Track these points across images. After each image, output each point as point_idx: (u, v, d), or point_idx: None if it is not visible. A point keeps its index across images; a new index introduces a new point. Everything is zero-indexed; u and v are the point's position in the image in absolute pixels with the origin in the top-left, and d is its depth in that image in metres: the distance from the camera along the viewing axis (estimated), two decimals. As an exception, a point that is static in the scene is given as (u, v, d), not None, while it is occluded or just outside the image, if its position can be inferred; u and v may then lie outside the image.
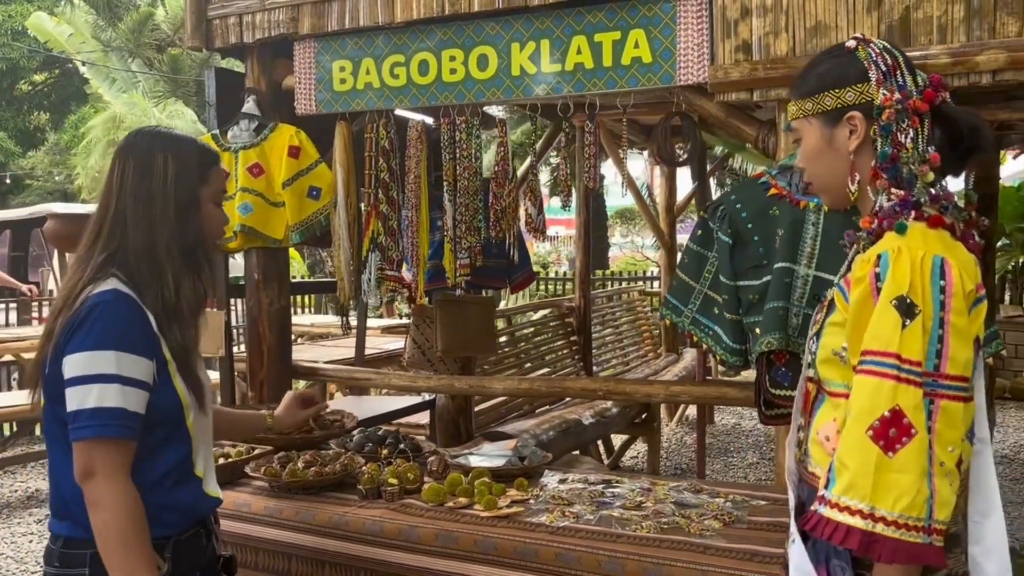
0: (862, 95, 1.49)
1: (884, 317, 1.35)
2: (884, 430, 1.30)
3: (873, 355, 1.35)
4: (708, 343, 2.79)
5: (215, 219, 1.90)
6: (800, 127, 1.59)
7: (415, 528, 2.28)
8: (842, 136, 1.51)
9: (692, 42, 2.69)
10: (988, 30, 2.32)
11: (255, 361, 3.44)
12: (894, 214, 1.43)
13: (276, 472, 2.56)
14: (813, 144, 1.57)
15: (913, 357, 1.32)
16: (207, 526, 1.94)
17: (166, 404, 1.77)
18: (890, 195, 1.46)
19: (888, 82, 1.48)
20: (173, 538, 1.79)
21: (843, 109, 1.50)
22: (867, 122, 1.48)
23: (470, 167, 3.06)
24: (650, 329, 8.42)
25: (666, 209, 8.25)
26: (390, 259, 3.19)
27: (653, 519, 2.29)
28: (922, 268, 1.34)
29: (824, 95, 1.52)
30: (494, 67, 2.97)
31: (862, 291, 1.40)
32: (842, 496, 1.33)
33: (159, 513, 1.75)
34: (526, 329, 6.41)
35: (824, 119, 1.53)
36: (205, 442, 1.92)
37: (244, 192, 3.27)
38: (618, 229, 21.82)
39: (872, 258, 1.39)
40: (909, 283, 1.33)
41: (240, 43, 3.35)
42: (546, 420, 5.19)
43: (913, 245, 1.37)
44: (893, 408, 1.30)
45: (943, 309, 1.33)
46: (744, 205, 2.65)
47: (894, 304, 1.34)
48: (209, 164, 1.89)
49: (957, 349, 1.33)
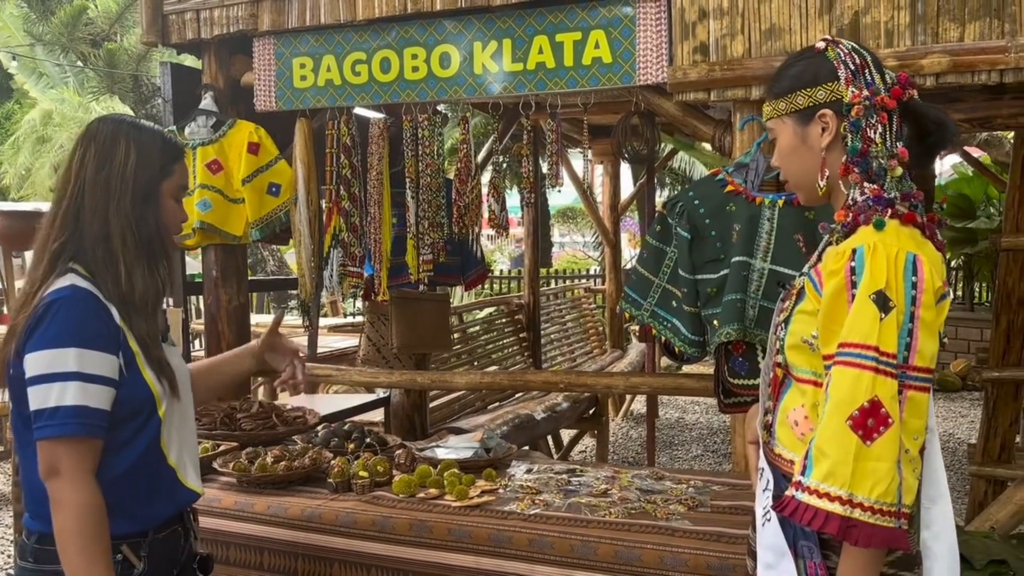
0: (832, 93, 1.54)
1: (863, 311, 1.39)
2: (863, 420, 1.35)
3: (852, 347, 1.39)
4: (667, 335, 2.87)
5: (173, 214, 1.86)
6: (775, 127, 1.64)
7: (389, 519, 2.31)
8: (814, 133, 1.56)
9: (651, 43, 2.78)
10: (932, 35, 2.45)
11: (214, 358, 3.42)
12: (868, 209, 1.48)
13: (245, 467, 2.57)
14: (787, 142, 1.62)
15: (890, 350, 1.37)
16: (185, 524, 1.91)
17: (136, 397, 1.75)
18: (863, 189, 1.51)
19: (857, 80, 1.53)
20: (149, 536, 1.77)
21: (815, 107, 1.55)
22: (838, 119, 1.53)
23: (432, 164, 3.10)
24: (595, 326, 8.54)
25: (610, 207, 8.37)
26: (352, 255, 3.21)
27: (620, 505, 2.36)
28: (896, 264, 1.39)
29: (796, 94, 1.57)
30: (456, 65, 3.01)
31: (836, 284, 1.44)
32: (821, 483, 1.37)
33: (132, 507, 1.74)
34: (477, 326, 6.45)
35: (797, 118, 1.58)
36: (182, 431, 1.89)
37: (203, 189, 3.26)
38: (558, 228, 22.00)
39: (847, 252, 1.44)
40: (885, 279, 1.38)
41: (198, 39, 3.33)
42: (499, 415, 5.24)
43: (888, 241, 1.42)
44: (872, 399, 1.35)
45: (914, 304, 1.38)
46: (702, 201, 2.74)
47: (872, 298, 1.38)
48: (173, 158, 1.84)
49: (925, 342, 1.39)
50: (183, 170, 1.89)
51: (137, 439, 1.76)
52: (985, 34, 2.40)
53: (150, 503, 1.78)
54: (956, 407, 8.61)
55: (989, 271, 10.12)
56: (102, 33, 9.62)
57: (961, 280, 10.57)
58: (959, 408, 8.58)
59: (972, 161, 6.96)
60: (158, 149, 1.81)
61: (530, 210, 6.43)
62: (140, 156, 1.77)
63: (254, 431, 2.98)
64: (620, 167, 8.85)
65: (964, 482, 5.20)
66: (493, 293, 12.57)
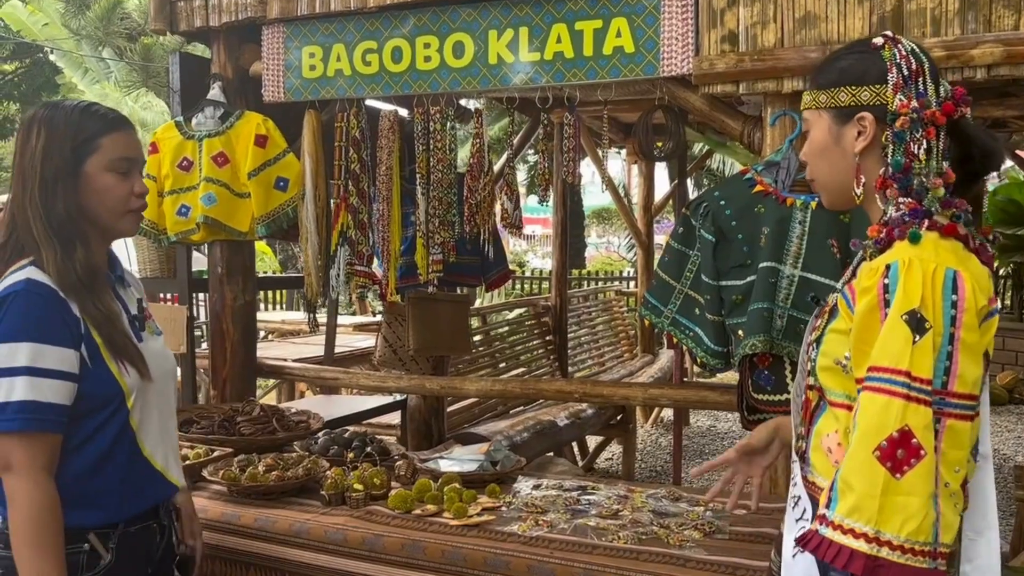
0: (877, 96, 1.44)
1: (894, 332, 1.28)
2: (892, 451, 1.25)
3: (882, 372, 1.29)
4: (688, 345, 2.69)
5: (111, 190, 1.78)
6: (810, 119, 1.54)
7: (380, 537, 2.15)
8: (850, 136, 1.46)
9: (676, 32, 2.59)
10: (983, 23, 2.24)
11: (218, 358, 3.30)
12: (904, 223, 1.37)
13: (235, 476, 2.43)
14: (819, 139, 1.52)
15: (923, 375, 1.26)
16: (161, 520, 1.88)
17: (101, 391, 1.73)
18: (899, 205, 1.40)
19: (907, 88, 1.42)
20: (120, 528, 1.76)
21: (856, 108, 1.45)
22: (877, 125, 1.43)
23: (444, 159, 2.94)
24: (626, 329, 8.34)
25: (644, 208, 8.16)
26: (360, 254, 3.06)
27: (630, 528, 2.18)
28: (933, 281, 1.28)
29: (840, 90, 1.47)
30: (470, 55, 2.85)
31: (869, 302, 1.33)
32: (846, 518, 1.27)
33: (101, 499, 1.74)
34: (501, 328, 6.29)
35: (835, 115, 1.48)
36: (158, 419, 1.86)
37: (208, 182, 3.13)
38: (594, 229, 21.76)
39: (880, 268, 1.33)
40: (920, 297, 1.28)
41: (206, 27, 3.21)
42: (520, 421, 5.08)
43: (925, 257, 1.31)
44: (902, 428, 1.25)
45: (954, 325, 1.27)
46: (728, 202, 2.56)
47: (905, 319, 1.28)
48: (100, 131, 1.78)
49: (966, 366, 1.27)
50: (118, 140, 1.80)
51: (104, 432, 1.75)
52: (1043, 22, 2.18)
53: (122, 496, 1.77)
54: (1002, 421, 8.26)
55: (1041, 280, 9.73)
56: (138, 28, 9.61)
57: (1010, 289, 10.17)
58: (1005, 423, 8.24)
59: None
60: (73, 127, 1.76)
61: (558, 210, 6.25)
62: (49, 139, 1.74)
63: (252, 436, 2.85)
64: (655, 167, 8.64)
65: (1009, 502, 4.92)
66: (524, 294, 12.41)
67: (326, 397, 5.20)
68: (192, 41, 3.59)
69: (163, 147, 3.23)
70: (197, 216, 3.12)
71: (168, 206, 3.21)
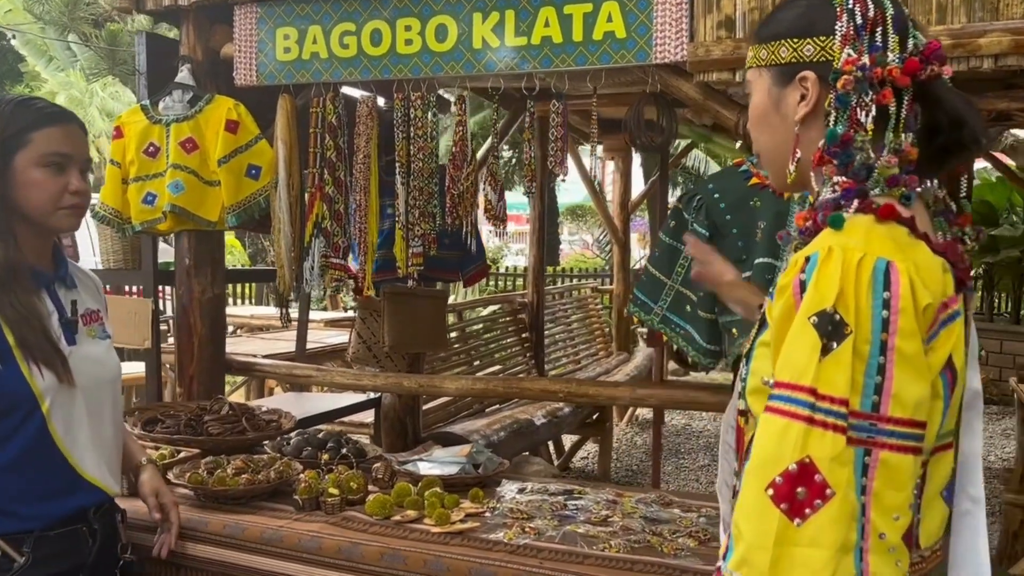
0: (823, 51, 1.17)
1: (800, 339, 1.04)
2: (789, 488, 0.99)
3: (782, 388, 1.04)
4: (679, 343, 2.59)
5: (40, 185, 1.73)
6: (752, 80, 1.29)
7: (357, 545, 2.03)
8: (791, 100, 1.21)
9: (670, 17, 2.48)
10: (991, 11, 2.15)
11: (185, 354, 3.15)
12: (834, 207, 1.13)
13: (202, 479, 2.29)
14: (758, 103, 1.27)
15: (834, 392, 1.01)
16: (91, 524, 1.82)
17: (12, 394, 1.68)
18: (834, 186, 1.15)
19: (859, 40, 1.15)
20: (35, 533, 1.72)
21: (797, 65, 1.19)
22: (821, 87, 1.17)
23: (425, 147, 2.82)
24: (601, 327, 8.25)
25: (620, 205, 8.07)
26: (335, 246, 2.93)
27: (622, 536, 2.08)
28: (858, 274, 1.03)
29: (780, 44, 1.21)
30: (453, 38, 2.72)
31: (785, 303, 1.08)
32: (735, 572, 1.03)
33: (12, 505, 1.70)
34: (477, 325, 6.17)
35: (776, 74, 1.22)
36: (88, 426, 1.79)
37: (176, 169, 2.97)
38: (566, 226, 21.67)
39: (799, 262, 1.08)
40: (837, 293, 1.02)
41: (175, 6, 3.04)
42: (497, 420, 4.97)
43: (850, 244, 1.06)
44: (802, 460, 1.00)
45: (885, 330, 1.01)
46: (723, 195, 2.46)
47: (813, 322, 1.03)
48: (31, 125, 1.72)
49: (904, 383, 1.01)
50: (52, 136, 1.74)
51: (15, 436, 1.70)
52: (1056, 9, 2.10)
53: (38, 502, 1.73)
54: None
55: (1012, 281, 9.78)
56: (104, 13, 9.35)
57: (981, 290, 10.22)
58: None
59: (999, 165, 6.61)
60: (3, 121, 1.70)
61: (536, 204, 6.14)
62: None
63: (220, 436, 2.71)
64: (632, 164, 8.56)
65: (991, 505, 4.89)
66: (498, 290, 12.29)
67: (297, 395, 5.05)
68: (159, 21, 3.41)
69: (128, 132, 3.07)
70: (164, 205, 2.96)
71: (133, 194, 3.05)
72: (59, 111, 1.82)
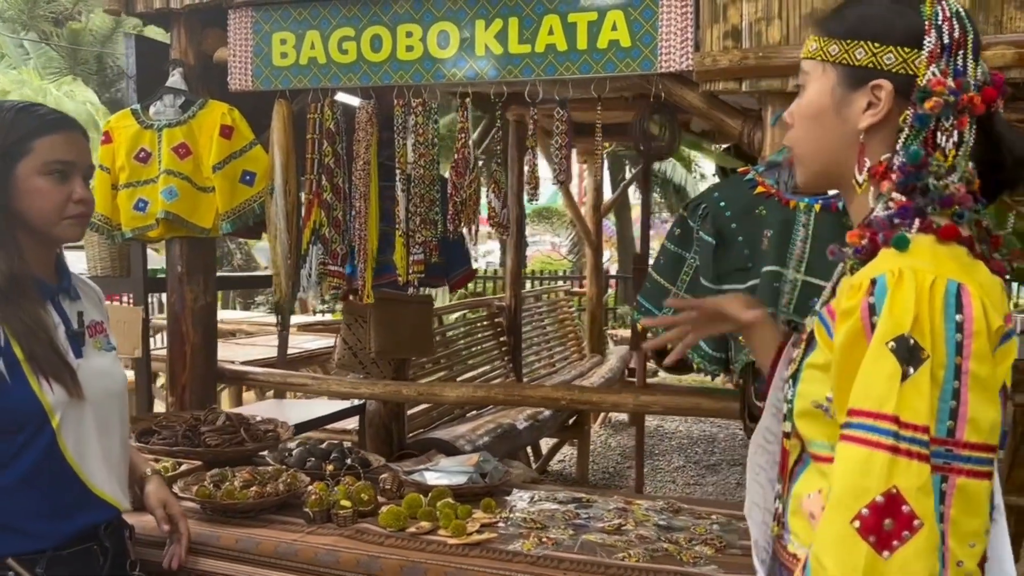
0: (904, 64, 1.13)
1: (878, 365, 1.01)
2: (876, 521, 0.97)
3: (862, 416, 1.02)
4: (684, 350, 2.60)
5: (43, 194, 1.69)
6: (809, 71, 1.23)
7: (376, 559, 2.00)
8: (858, 105, 1.16)
9: (675, 27, 2.50)
10: (995, 24, 2.20)
11: (177, 363, 3.09)
12: (890, 225, 1.10)
13: (209, 493, 2.25)
14: (816, 100, 1.21)
15: (917, 420, 0.99)
16: (103, 542, 1.78)
17: (18, 409, 1.64)
18: (890, 203, 1.12)
19: (944, 60, 1.12)
20: (48, 552, 1.67)
21: (873, 72, 1.15)
22: (896, 100, 1.14)
23: (427, 154, 2.80)
24: (575, 330, 8.28)
25: (593, 209, 8.12)
26: (334, 253, 2.90)
27: (639, 545, 2.08)
28: (932, 297, 1.01)
29: (857, 44, 1.16)
30: (456, 45, 2.71)
31: (852, 327, 1.06)
32: None
33: (23, 524, 1.66)
34: (456, 329, 6.15)
35: (845, 74, 1.17)
36: (98, 440, 1.76)
37: (169, 175, 2.92)
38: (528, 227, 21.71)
39: (864, 284, 1.06)
40: (913, 318, 1.00)
41: (166, 8, 2.99)
42: (481, 425, 4.96)
43: (919, 266, 1.04)
44: (888, 491, 0.98)
45: (960, 353, 0.99)
46: (728, 203, 2.47)
47: (891, 347, 1.00)
48: (33, 132, 1.68)
49: (979, 407, 1.00)
50: (56, 143, 1.70)
51: (26, 452, 1.65)
52: (1056, 25, 2.15)
53: (50, 520, 1.69)
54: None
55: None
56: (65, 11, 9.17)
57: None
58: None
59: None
60: (5, 129, 1.66)
61: (514, 208, 6.14)
62: None
63: (219, 447, 2.66)
64: (603, 168, 8.61)
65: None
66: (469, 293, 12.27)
67: (276, 402, 4.98)
68: (148, 24, 3.35)
69: (118, 137, 3.01)
70: (157, 211, 2.91)
71: (123, 200, 2.99)
72: (61, 118, 1.77)
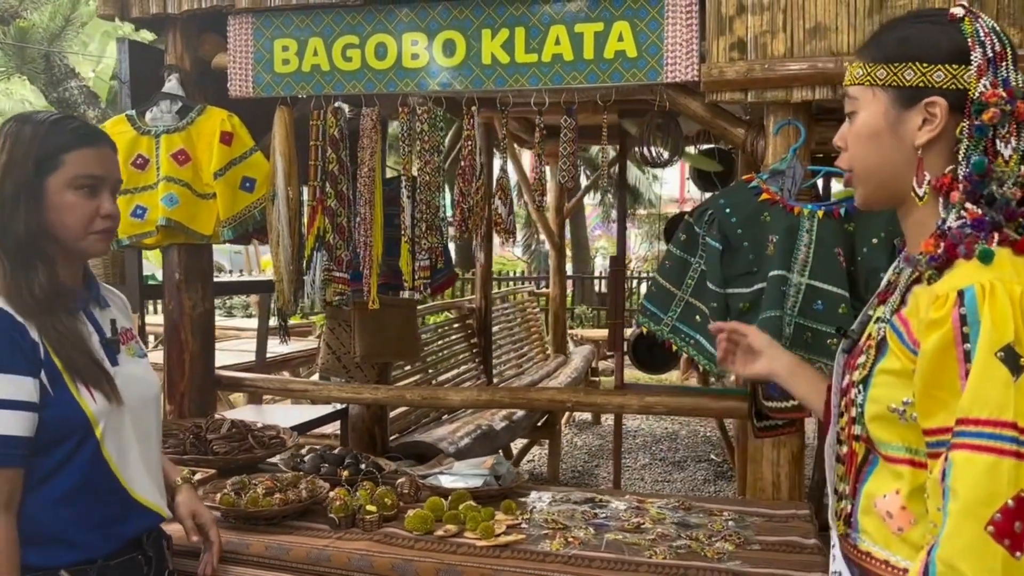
0: (955, 80, 1.19)
1: (989, 374, 1.06)
2: (1008, 524, 1.02)
3: (980, 424, 1.06)
4: (689, 352, 2.68)
5: (73, 208, 1.69)
6: (859, 97, 1.29)
7: (411, 562, 2.04)
8: (913, 123, 1.23)
9: (681, 38, 2.57)
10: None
11: (175, 371, 3.07)
12: (967, 237, 1.16)
13: (233, 501, 2.25)
14: (870, 122, 1.27)
15: None
16: (146, 552, 1.79)
17: (65, 420, 1.64)
18: (961, 213, 1.18)
19: (992, 73, 1.18)
20: (98, 563, 1.68)
21: (924, 90, 1.21)
22: (950, 115, 1.20)
23: (432, 161, 2.83)
24: (539, 330, 8.35)
25: (556, 210, 8.19)
26: (339, 259, 2.91)
27: (663, 543, 2.14)
28: (1022, 307, 1.08)
29: (905, 66, 1.22)
30: (462, 54, 2.75)
31: (941, 338, 1.11)
32: None
33: (73, 535, 1.66)
34: (429, 332, 6.17)
35: (896, 95, 1.24)
36: (138, 447, 1.76)
37: (169, 182, 2.90)
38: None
39: (951, 296, 1.11)
40: (1015, 328, 1.07)
41: (163, 14, 2.97)
42: (459, 427, 5.00)
43: (1006, 278, 1.10)
44: (1018, 495, 1.03)
45: None
46: (733, 210, 2.56)
47: (1000, 357, 1.06)
48: (64, 146, 1.68)
49: None
50: (86, 157, 1.70)
51: (72, 463, 1.66)
52: (1046, 41, 2.27)
53: (98, 529, 1.70)
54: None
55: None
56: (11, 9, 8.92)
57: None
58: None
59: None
60: (37, 142, 1.66)
61: (486, 211, 6.18)
62: (12, 155, 1.66)
63: (229, 455, 2.66)
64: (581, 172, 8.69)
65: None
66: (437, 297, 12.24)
67: (256, 407, 4.95)
68: (139, 28, 3.31)
69: (114, 143, 2.97)
70: (158, 218, 2.89)
71: (121, 206, 2.94)
72: (93, 132, 1.77)
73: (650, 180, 13.58)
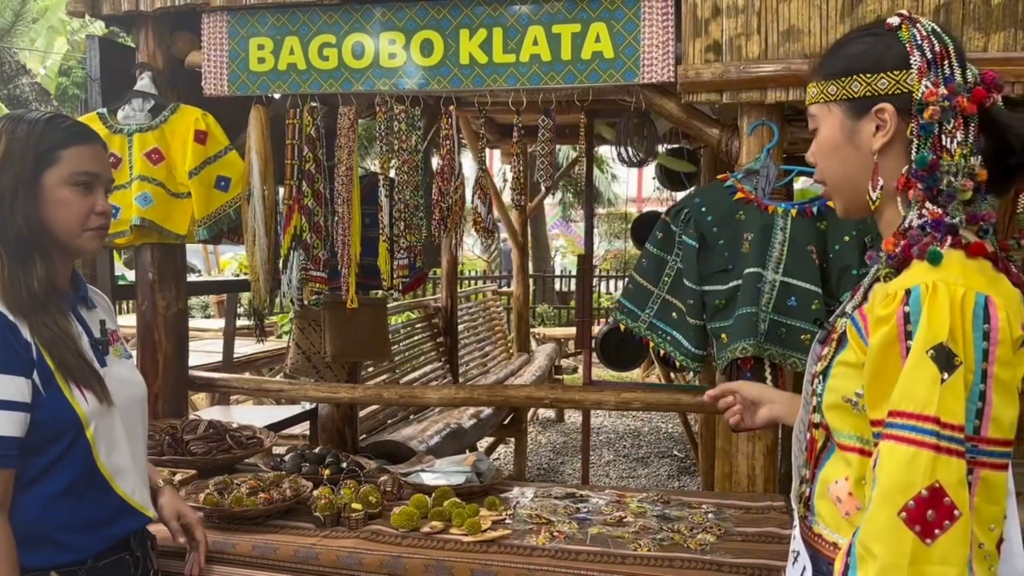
0: (898, 85, 1.26)
1: (919, 371, 1.12)
2: (920, 512, 1.08)
3: (906, 417, 1.12)
4: (666, 348, 2.72)
5: (69, 205, 1.69)
6: (817, 114, 1.36)
7: (399, 559, 2.05)
8: (866, 131, 1.29)
9: (657, 39, 2.62)
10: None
11: (149, 372, 3.04)
12: (923, 239, 1.21)
13: (217, 500, 2.24)
14: (830, 136, 1.34)
15: (955, 420, 1.10)
16: (133, 552, 1.79)
17: (57, 420, 1.64)
18: (922, 212, 1.24)
19: (933, 73, 1.24)
20: (88, 563, 1.69)
21: (873, 99, 1.28)
22: (899, 118, 1.26)
23: (410, 160, 2.84)
24: (503, 329, 8.37)
25: (519, 210, 8.21)
26: (316, 258, 2.90)
27: (646, 536, 2.19)
28: (963, 309, 1.12)
29: (852, 79, 1.29)
30: (440, 54, 2.77)
31: (887, 333, 1.16)
32: None
33: (63, 536, 1.66)
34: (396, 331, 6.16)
35: (848, 108, 1.31)
36: (128, 448, 1.77)
37: (143, 181, 2.87)
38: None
39: (899, 294, 1.16)
40: (949, 328, 1.11)
41: (135, 11, 2.94)
42: (428, 426, 4.99)
43: (951, 280, 1.14)
44: (932, 485, 1.08)
45: (986, 359, 1.11)
46: (709, 209, 2.61)
47: (931, 355, 1.11)
48: (56, 145, 1.69)
49: (1001, 407, 1.12)
50: (78, 154, 1.71)
51: (63, 463, 1.66)
52: (1009, 45, 2.35)
53: (88, 530, 1.70)
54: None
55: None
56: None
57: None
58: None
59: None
60: (34, 139, 1.67)
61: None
62: (8, 151, 1.66)
63: (208, 455, 2.65)
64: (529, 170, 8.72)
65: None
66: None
67: (223, 408, 4.91)
68: (110, 26, 3.27)
69: (85, 141, 2.93)
70: (130, 218, 2.86)
71: (93, 206, 2.92)
72: (87, 130, 1.78)
73: (609, 179, 13.70)
